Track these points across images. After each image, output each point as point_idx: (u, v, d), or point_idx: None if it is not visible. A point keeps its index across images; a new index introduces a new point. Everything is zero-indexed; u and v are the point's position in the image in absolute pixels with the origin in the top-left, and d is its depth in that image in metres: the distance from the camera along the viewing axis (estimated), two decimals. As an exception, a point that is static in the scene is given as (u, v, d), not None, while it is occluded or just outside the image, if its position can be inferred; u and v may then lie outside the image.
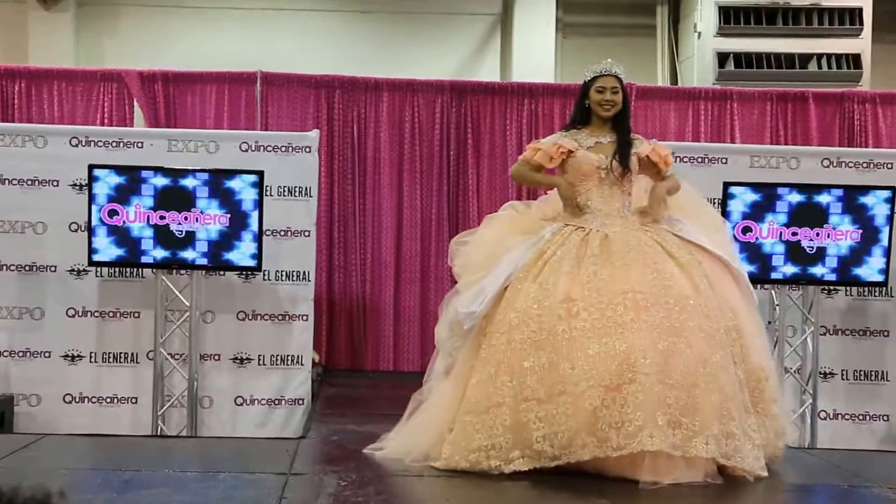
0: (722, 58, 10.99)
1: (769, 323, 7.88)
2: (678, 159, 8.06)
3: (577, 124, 5.60)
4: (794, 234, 7.54)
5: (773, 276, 7.56)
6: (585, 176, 5.46)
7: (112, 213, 7.47)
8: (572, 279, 5.11)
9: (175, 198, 7.50)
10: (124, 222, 7.48)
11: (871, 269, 7.58)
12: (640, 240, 5.27)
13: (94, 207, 7.48)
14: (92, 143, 7.91)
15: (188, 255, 7.52)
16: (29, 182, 7.85)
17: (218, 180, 7.51)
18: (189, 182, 7.50)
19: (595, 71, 5.55)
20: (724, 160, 8.18)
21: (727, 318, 5.13)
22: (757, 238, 7.53)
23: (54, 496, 1.93)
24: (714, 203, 7.86)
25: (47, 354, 7.85)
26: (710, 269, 5.28)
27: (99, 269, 7.82)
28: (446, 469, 5.04)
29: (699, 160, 8.16)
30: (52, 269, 7.87)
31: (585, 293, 5.04)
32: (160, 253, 7.52)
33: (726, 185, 7.62)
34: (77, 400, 7.90)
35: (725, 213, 7.45)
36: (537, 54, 11.36)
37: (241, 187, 7.51)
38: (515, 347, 5.04)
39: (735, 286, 5.37)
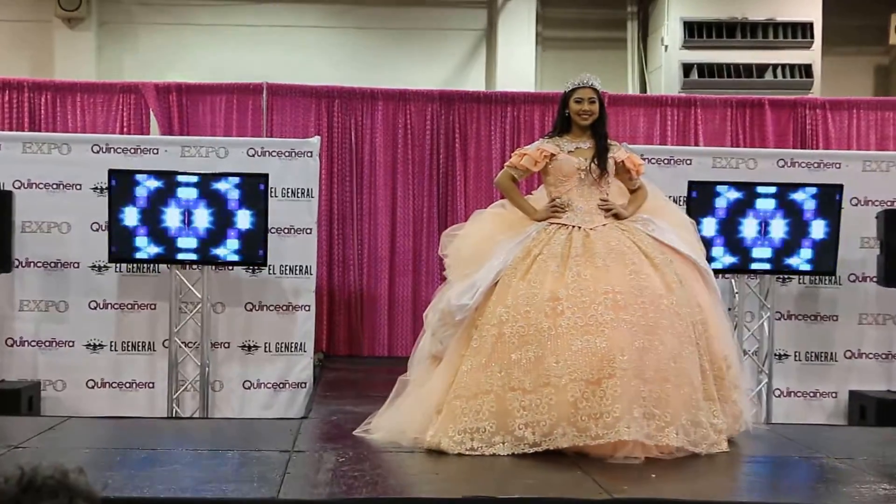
0: (687, 68, 10.98)
1: (729, 309, 7.93)
2: (647, 161, 8.06)
3: (559, 131, 5.63)
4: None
5: (753, 266, 7.68)
6: (566, 177, 5.49)
7: (130, 213, 7.47)
8: (557, 279, 5.15)
9: (189, 198, 7.50)
10: (145, 221, 7.48)
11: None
12: (619, 240, 5.30)
13: (114, 209, 7.47)
14: (112, 149, 7.89)
15: (200, 251, 7.52)
16: (54, 186, 7.84)
17: (227, 182, 7.51)
18: (202, 184, 7.50)
19: (574, 83, 5.57)
20: (688, 161, 8.18)
21: (695, 314, 5.15)
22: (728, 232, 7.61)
23: (72, 473, 1.92)
24: (679, 201, 7.90)
25: (71, 344, 7.86)
26: (680, 268, 5.31)
27: (119, 265, 7.82)
28: (431, 448, 5.05)
29: (666, 161, 8.16)
30: (76, 265, 7.86)
31: (570, 293, 5.06)
32: (175, 250, 7.52)
33: (691, 184, 7.64)
34: (99, 385, 7.90)
35: (689, 210, 7.47)
36: (519, 66, 11.33)
37: (248, 189, 7.50)
38: (505, 340, 5.07)
39: (702, 282, 5.40)
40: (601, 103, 5.58)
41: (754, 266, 7.66)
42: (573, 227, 5.38)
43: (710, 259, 7.33)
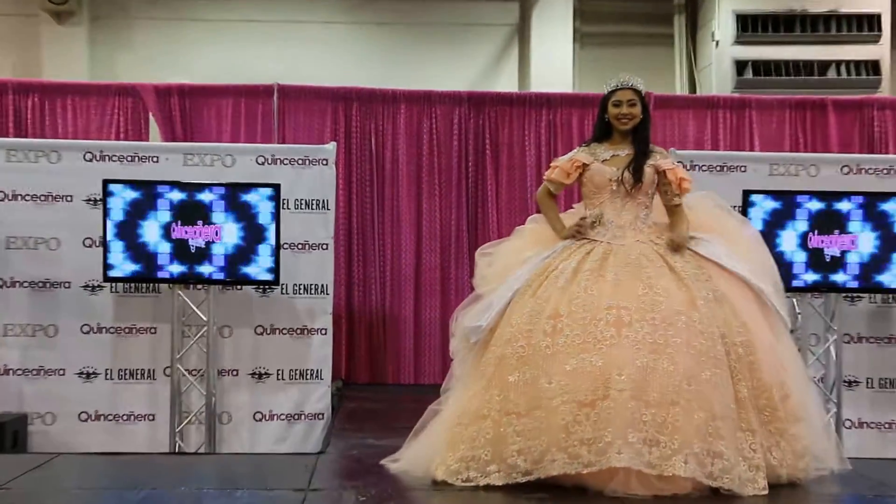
0: (740, 66, 10.96)
1: (792, 331, 7.76)
2: (697, 168, 8.00)
3: (599, 138, 5.58)
4: (816, 241, 7.53)
5: (795, 283, 7.50)
6: (598, 188, 5.46)
7: (127, 227, 7.41)
8: (562, 294, 5.12)
9: (191, 212, 7.44)
10: (140, 237, 7.42)
11: (892, 275, 7.54)
12: (641, 252, 5.25)
13: (108, 222, 7.41)
14: (106, 157, 7.85)
15: (205, 269, 7.45)
16: (42, 197, 7.80)
17: (234, 194, 7.45)
18: (205, 196, 7.44)
19: (612, 84, 5.52)
20: (743, 168, 8.16)
21: (734, 334, 5.02)
22: (778, 246, 7.47)
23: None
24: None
25: (62, 372, 7.80)
26: (722, 284, 5.19)
27: (114, 284, 7.75)
28: (436, 480, 5.02)
29: (718, 168, 8.15)
30: (66, 285, 7.81)
31: (572, 309, 5.02)
32: (177, 268, 7.45)
33: (746, 193, 7.58)
34: (92, 418, 7.83)
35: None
36: (555, 64, 11.32)
37: (258, 201, 7.46)
38: (505, 362, 5.06)
39: (754, 302, 5.25)
40: (644, 106, 5.52)
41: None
42: (600, 242, 5.36)
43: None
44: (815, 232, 7.49)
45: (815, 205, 7.49)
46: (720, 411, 4.80)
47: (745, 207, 7.49)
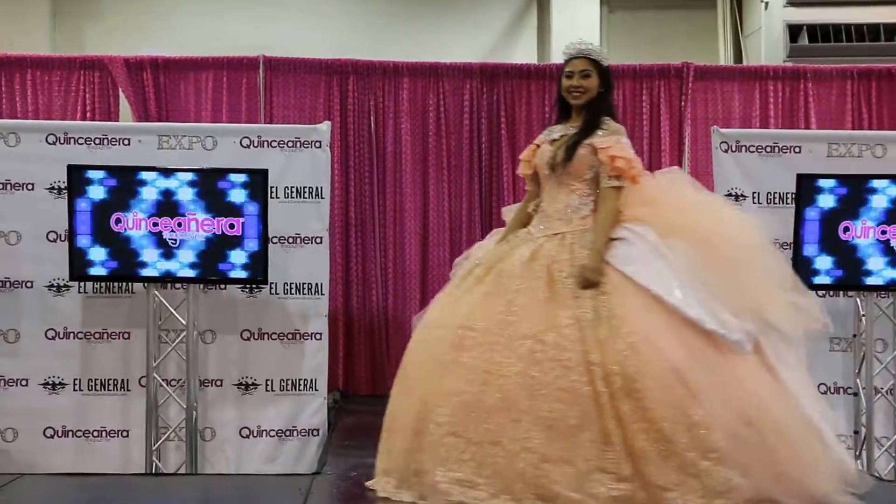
0: (794, 31, 10.91)
1: (854, 336, 7.85)
2: (744, 149, 8.05)
3: (561, 117, 5.63)
4: (884, 233, 7.56)
5: (868, 281, 7.60)
6: (542, 173, 5.53)
7: (96, 219, 7.47)
8: (443, 302, 5.41)
9: (168, 202, 7.51)
10: (110, 230, 7.48)
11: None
12: (537, 254, 5.28)
13: (75, 214, 7.48)
14: (72, 140, 7.91)
15: (183, 266, 7.52)
16: (0, 186, 7.87)
17: (216, 181, 7.52)
18: (183, 184, 7.51)
19: (565, 53, 5.55)
20: (797, 149, 8.15)
21: (612, 359, 4.90)
22: (839, 239, 7.56)
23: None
24: (786, 199, 7.85)
25: (24, 382, 7.87)
26: (621, 299, 5.07)
27: (82, 284, 7.84)
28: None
29: (768, 150, 8.14)
30: (29, 284, 7.88)
31: (433, 322, 5.32)
32: (152, 265, 7.52)
33: (800, 177, 7.62)
34: (59, 434, 7.90)
35: (800, 210, 7.45)
36: (580, 31, 11.18)
37: (243, 189, 7.52)
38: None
39: (663, 318, 5.04)
40: (602, 77, 5.50)
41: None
42: (526, 237, 5.45)
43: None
44: (888, 222, 7.53)
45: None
46: (555, 452, 4.82)
47: (799, 193, 7.53)
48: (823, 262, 7.59)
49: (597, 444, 4.79)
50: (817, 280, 7.54)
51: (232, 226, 7.51)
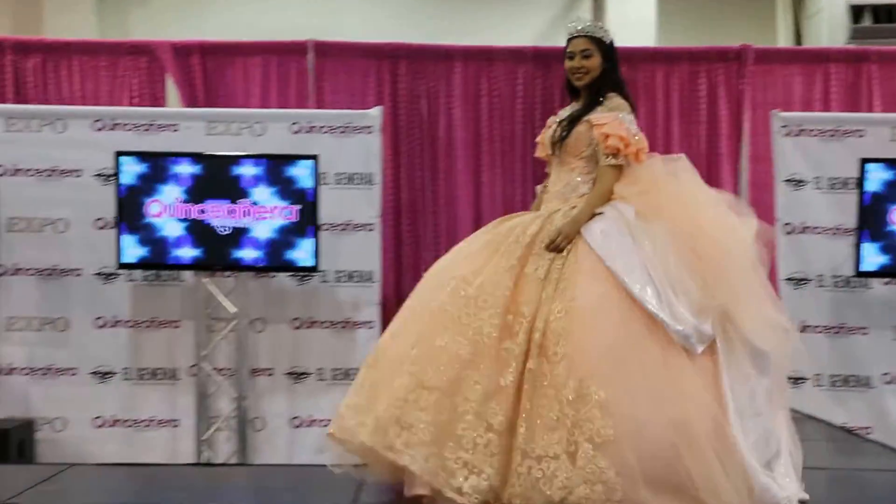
0: (856, 11, 10.86)
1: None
2: (804, 133, 7.98)
3: (572, 98, 5.57)
4: None
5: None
6: (547, 153, 5.54)
7: (144, 207, 7.51)
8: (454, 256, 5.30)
9: (217, 189, 7.54)
10: (158, 218, 7.52)
11: None
12: (529, 225, 5.21)
13: (122, 201, 7.51)
14: (119, 126, 7.97)
15: (234, 254, 7.55)
16: (48, 172, 7.93)
17: (267, 167, 7.54)
18: (232, 170, 7.53)
19: (567, 34, 5.46)
20: (860, 133, 8.15)
21: (542, 318, 4.84)
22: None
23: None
24: (847, 184, 7.78)
25: (73, 372, 7.93)
26: (574, 266, 5.00)
27: (131, 272, 7.87)
28: None
29: (830, 134, 8.17)
30: (77, 272, 7.94)
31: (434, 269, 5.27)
32: (201, 253, 7.55)
33: (864, 161, 7.58)
34: (108, 423, 7.97)
35: (862, 196, 7.40)
36: (635, 14, 11.29)
37: (294, 175, 7.53)
38: None
39: (611, 291, 4.92)
40: (606, 56, 5.40)
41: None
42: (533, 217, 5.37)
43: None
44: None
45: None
46: (434, 381, 4.78)
47: (861, 178, 7.48)
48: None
49: (481, 386, 4.73)
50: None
51: (281, 212, 7.51)
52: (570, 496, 4.49)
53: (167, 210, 7.51)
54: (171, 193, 7.52)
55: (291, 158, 7.59)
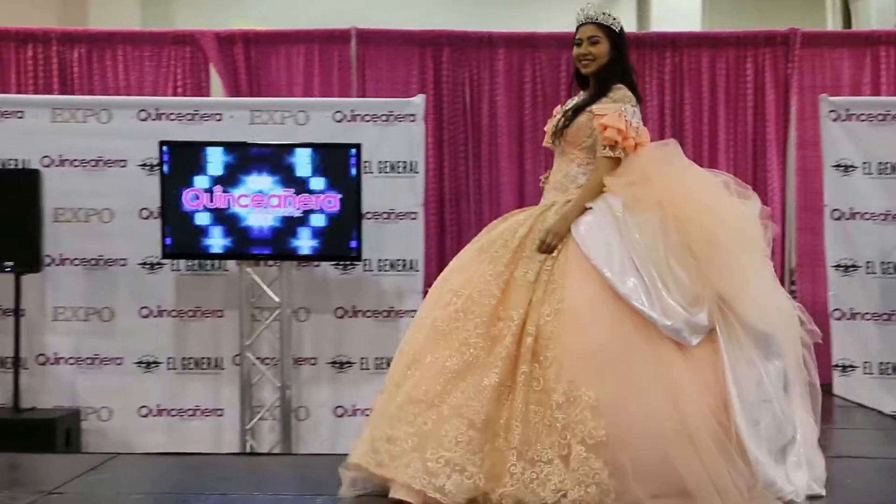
0: (905, -6, 10.75)
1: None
2: (854, 118, 7.93)
3: (581, 86, 5.44)
4: None
5: None
6: (550, 143, 5.43)
7: (188, 196, 7.54)
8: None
9: (260, 178, 7.57)
10: (203, 207, 7.56)
11: None
12: (512, 228, 5.13)
13: (166, 190, 7.56)
14: (163, 116, 8.02)
15: (277, 243, 7.57)
16: (93, 163, 7.99)
17: (310, 156, 7.57)
18: (276, 159, 7.56)
19: (577, 21, 5.32)
20: None
21: (532, 322, 4.78)
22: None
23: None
24: (889, 168, 7.74)
25: (119, 361, 8.00)
26: (564, 265, 4.94)
27: (175, 262, 7.93)
28: None
29: (880, 118, 8.12)
30: (122, 262, 7.99)
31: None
32: (244, 243, 7.58)
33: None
34: (153, 413, 8.02)
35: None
36: (681, -1, 11.23)
37: (337, 164, 7.54)
38: None
39: (605, 294, 4.84)
40: (614, 43, 5.27)
41: None
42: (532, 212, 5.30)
43: None
44: None
45: None
46: (422, 395, 4.73)
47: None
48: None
49: (464, 393, 4.65)
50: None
51: (325, 201, 7.53)
52: (563, 499, 4.46)
53: (211, 199, 7.54)
54: (213, 182, 7.55)
55: (335, 147, 7.60)
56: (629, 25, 11.20)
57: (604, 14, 5.25)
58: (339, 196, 7.54)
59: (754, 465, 4.58)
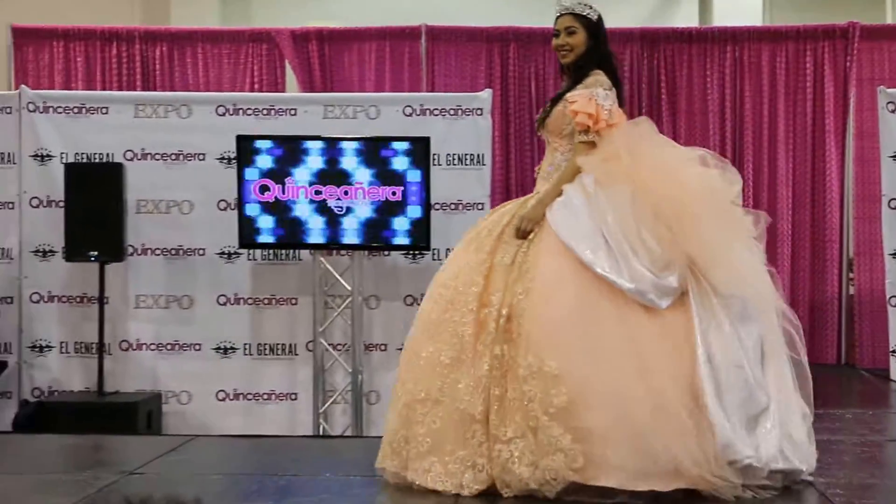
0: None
1: None
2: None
3: (564, 76, 5.32)
4: None
5: None
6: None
7: (264, 188, 7.55)
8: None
9: (332, 170, 7.56)
10: (277, 199, 7.56)
11: None
12: (496, 218, 5.10)
13: (244, 183, 7.57)
14: (240, 111, 8.02)
15: (349, 233, 7.56)
16: (173, 156, 8.01)
17: (380, 149, 7.54)
18: (348, 152, 7.54)
19: (556, 12, 5.24)
20: None
21: (505, 301, 4.74)
22: None
23: None
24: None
25: (198, 347, 8.02)
26: (537, 246, 4.88)
27: (251, 251, 7.94)
28: None
29: (938, 109, 7.92)
30: (201, 252, 8.01)
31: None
32: (318, 232, 7.58)
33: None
34: (230, 397, 8.04)
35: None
36: (741, -7, 11.10)
37: (406, 156, 7.52)
38: None
39: (574, 266, 4.78)
40: (591, 33, 5.18)
41: None
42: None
43: None
44: None
45: None
46: (421, 391, 4.75)
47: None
48: None
49: (463, 384, 4.66)
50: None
51: (395, 193, 7.51)
52: (536, 471, 4.45)
53: (285, 191, 7.54)
54: (288, 175, 7.56)
55: (404, 140, 7.58)
56: (691, 21, 11.14)
57: (580, 4, 5.17)
58: (409, 187, 7.51)
59: (715, 427, 4.47)
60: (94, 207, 7.66)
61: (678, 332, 4.63)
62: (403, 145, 7.54)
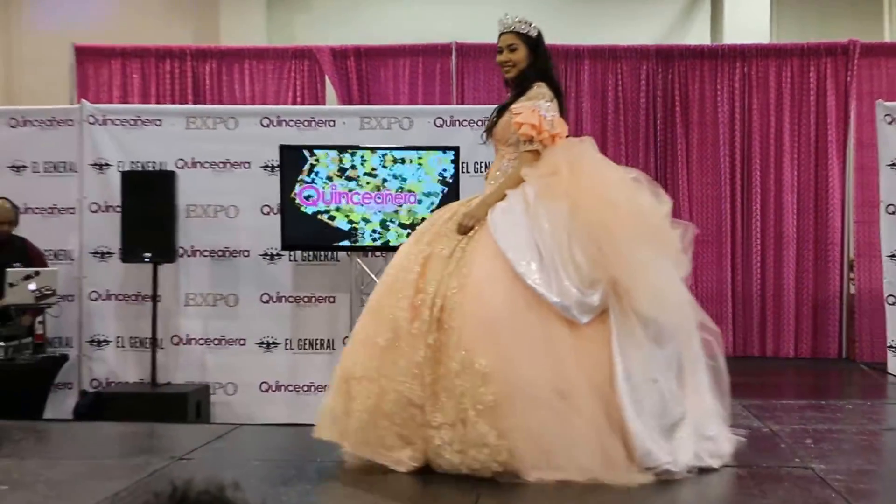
0: (960, 7, 10.44)
1: None
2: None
3: (508, 89, 5.32)
4: None
5: None
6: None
7: (304, 194, 7.59)
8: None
9: (369, 177, 7.60)
10: (317, 203, 7.60)
11: None
12: (444, 216, 5.06)
13: (285, 189, 7.62)
14: (283, 122, 8.08)
15: (383, 236, 7.60)
16: (220, 165, 8.07)
17: (413, 158, 7.57)
18: (383, 159, 7.57)
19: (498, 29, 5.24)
20: None
21: (440, 294, 4.70)
22: None
23: (229, 488, 1.91)
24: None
25: (242, 342, 8.07)
26: (474, 243, 4.85)
27: (292, 252, 7.97)
28: None
29: (933, 121, 7.87)
30: (245, 253, 8.07)
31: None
32: (354, 235, 7.63)
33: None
34: (273, 388, 8.09)
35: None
36: (751, 13, 11.00)
37: (437, 164, 7.54)
38: None
39: (506, 271, 4.74)
40: (532, 49, 5.17)
41: None
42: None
43: None
44: None
45: None
46: (360, 370, 4.73)
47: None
48: None
49: (398, 366, 4.63)
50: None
51: (426, 197, 7.54)
52: (465, 458, 4.45)
53: (325, 196, 7.59)
54: (328, 182, 7.59)
55: (435, 149, 7.60)
56: (703, 38, 11.08)
57: (519, 22, 5.16)
58: (440, 194, 7.55)
59: (634, 436, 4.47)
60: (148, 212, 7.72)
61: (596, 345, 4.62)
62: (436, 154, 7.57)
